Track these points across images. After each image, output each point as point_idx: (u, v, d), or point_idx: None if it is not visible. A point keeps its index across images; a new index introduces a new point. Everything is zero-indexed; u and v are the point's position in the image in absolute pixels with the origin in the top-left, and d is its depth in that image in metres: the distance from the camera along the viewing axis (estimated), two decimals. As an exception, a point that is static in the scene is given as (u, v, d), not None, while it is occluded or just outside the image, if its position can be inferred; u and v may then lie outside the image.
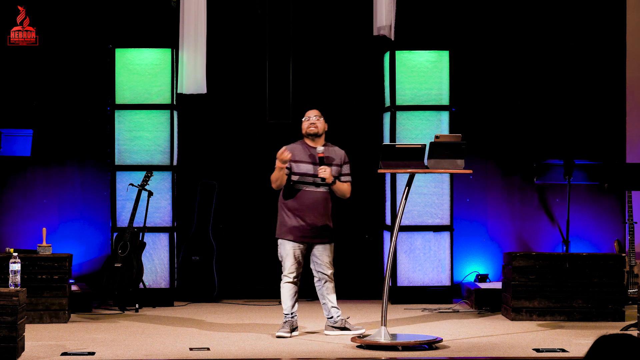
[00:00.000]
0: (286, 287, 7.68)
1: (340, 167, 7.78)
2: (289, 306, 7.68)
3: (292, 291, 7.68)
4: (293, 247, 7.66)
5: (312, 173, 7.67)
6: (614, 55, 10.34)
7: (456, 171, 7.32)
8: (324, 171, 7.59)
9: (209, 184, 10.21)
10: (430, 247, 9.80)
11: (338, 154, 7.82)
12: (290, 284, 7.68)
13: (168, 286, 9.62)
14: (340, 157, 7.81)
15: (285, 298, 7.69)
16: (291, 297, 7.68)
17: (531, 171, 10.13)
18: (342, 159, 7.82)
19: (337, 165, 7.76)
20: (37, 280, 8.44)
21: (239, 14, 10.30)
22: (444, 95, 9.81)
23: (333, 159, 7.75)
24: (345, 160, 7.83)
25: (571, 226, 10.05)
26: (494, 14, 10.32)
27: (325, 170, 7.59)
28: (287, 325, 7.68)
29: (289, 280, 7.67)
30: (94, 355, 6.87)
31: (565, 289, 8.59)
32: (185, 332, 8.00)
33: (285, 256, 7.70)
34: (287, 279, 7.67)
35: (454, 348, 7.20)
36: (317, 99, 10.34)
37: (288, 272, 7.67)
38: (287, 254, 7.67)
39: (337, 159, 7.78)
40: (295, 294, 7.71)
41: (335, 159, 7.77)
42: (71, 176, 10.07)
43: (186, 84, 9.66)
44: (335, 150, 7.83)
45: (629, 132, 10.30)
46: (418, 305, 9.54)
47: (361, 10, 10.11)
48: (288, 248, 7.67)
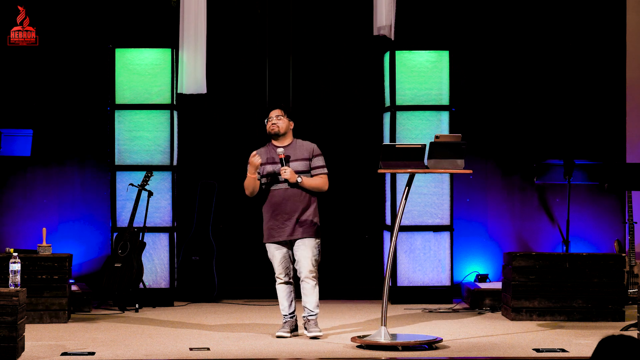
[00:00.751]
0: (279, 288, 7.65)
1: (309, 160, 7.61)
2: (286, 306, 7.66)
3: (285, 291, 7.64)
4: (276, 249, 7.61)
5: (274, 172, 7.57)
6: (614, 55, 10.34)
7: (456, 171, 7.32)
8: (285, 172, 7.46)
9: (209, 184, 10.21)
10: (430, 247, 9.80)
11: (306, 148, 7.63)
12: (283, 285, 7.64)
13: (168, 286, 9.62)
14: (309, 151, 7.62)
15: (280, 299, 7.67)
16: (286, 298, 7.64)
17: (531, 171, 10.14)
18: (311, 152, 7.62)
19: (305, 160, 7.59)
20: (37, 280, 8.44)
21: (239, 14, 10.30)
22: (444, 95, 9.81)
23: (291, 157, 7.55)
24: (316, 153, 7.62)
25: (571, 226, 10.05)
26: (494, 14, 10.32)
27: (286, 171, 7.46)
28: (287, 326, 7.67)
29: (280, 281, 7.64)
30: (94, 355, 6.87)
31: (565, 289, 8.59)
32: (185, 332, 7.99)
33: (271, 258, 7.67)
34: (278, 280, 7.64)
35: (454, 348, 7.20)
36: (317, 98, 10.35)
37: (277, 273, 7.64)
38: (272, 256, 7.64)
39: (305, 154, 7.60)
40: (290, 293, 7.66)
41: (304, 154, 7.59)
42: (71, 176, 10.07)
43: (186, 84, 9.66)
44: (304, 145, 7.64)
45: (629, 132, 10.31)
46: (418, 305, 9.54)
47: (361, 10, 10.11)
48: (272, 250, 7.64)
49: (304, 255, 7.55)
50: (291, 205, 7.55)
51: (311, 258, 7.56)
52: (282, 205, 7.55)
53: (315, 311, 7.61)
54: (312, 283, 7.56)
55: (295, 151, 7.61)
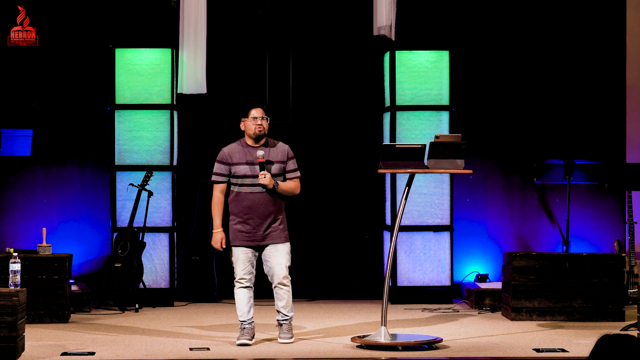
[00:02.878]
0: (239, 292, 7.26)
1: (284, 163, 7.25)
2: (245, 312, 7.25)
3: (246, 296, 7.25)
4: (242, 252, 7.23)
5: (250, 174, 7.19)
6: (614, 55, 10.34)
7: (456, 171, 7.32)
8: (264, 177, 7.10)
9: (209, 184, 10.19)
10: (430, 247, 9.80)
11: (281, 150, 7.26)
12: (244, 289, 7.25)
13: (168, 286, 9.62)
14: (284, 152, 7.26)
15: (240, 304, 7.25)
16: (246, 303, 7.25)
17: (531, 171, 10.13)
18: (285, 154, 7.26)
19: (280, 163, 7.23)
20: (37, 280, 8.44)
21: (239, 14, 10.30)
22: (444, 95, 9.81)
23: (273, 163, 7.21)
24: (290, 156, 7.28)
25: (571, 226, 10.05)
26: (494, 14, 10.32)
27: (266, 176, 7.10)
28: (246, 333, 7.27)
29: (241, 285, 7.25)
30: (94, 355, 6.87)
31: (565, 289, 8.59)
32: (185, 332, 7.99)
33: (234, 261, 7.27)
34: (239, 284, 7.25)
35: (454, 348, 7.20)
36: (317, 98, 10.35)
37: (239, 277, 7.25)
38: (237, 259, 7.25)
39: (280, 156, 7.23)
40: (250, 298, 7.26)
41: (278, 157, 7.22)
42: (71, 176, 10.07)
43: (186, 84, 9.66)
44: (278, 147, 7.27)
45: (629, 132, 10.31)
46: (418, 305, 9.54)
47: (361, 10, 10.11)
48: (237, 253, 7.24)
49: (277, 261, 7.21)
50: (264, 210, 7.19)
51: (285, 264, 7.22)
52: (254, 209, 7.19)
53: (289, 315, 7.30)
54: (286, 288, 7.24)
55: (270, 153, 7.24)
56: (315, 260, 10.29)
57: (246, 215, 7.23)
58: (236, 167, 7.26)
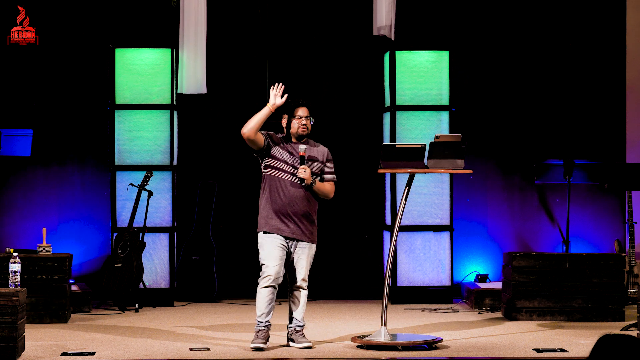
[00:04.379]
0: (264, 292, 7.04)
1: (323, 164, 7.14)
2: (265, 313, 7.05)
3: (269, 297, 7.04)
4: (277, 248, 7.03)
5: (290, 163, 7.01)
6: (614, 55, 10.34)
7: (456, 171, 7.32)
8: (304, 171, 6.97)
9: (209, 184, 10.21)
10: (430, 247, 9.80)
11: (321, 150, 7.17)
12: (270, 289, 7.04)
13: (168, 286, 9.62)
14: (324, 153, 7.17)
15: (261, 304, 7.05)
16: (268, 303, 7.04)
17: (531, 171, 10.14)
18: (325, 155, 7.17)
19: (320, 163, 7.11)
20: (37, 280, 8.44)
21: (239, 14, 10.30)
22: (443, 95, 9.81)
23: (314, 160, 7.10)
24: (329, 158, 7.18)
25: (571, 226, 10.05)
26: (494, 14, 10.32)
27: (306, 170, 6.97)
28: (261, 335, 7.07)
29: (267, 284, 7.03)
30: (94, 355, 6.87)
31: (565, 289, 8.59)
32: (185, 332, 7.99)
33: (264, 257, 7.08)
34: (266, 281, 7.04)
35: (454, 348, 7.20)
36: (317, 98, 10.34)
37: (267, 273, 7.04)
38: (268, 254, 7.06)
39: (320, 157, 7.13)
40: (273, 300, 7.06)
41: (319, 156, 7.13)
42: (71, 176, 10.07)
43: (186, 84, 9.66)
44: (318, 147, 7.18)
45: (629, 132, 10.31)
46: (418, 305, 9.54)
47: (361, 10, 10.11)
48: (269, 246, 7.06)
49: (302, 262, 7.08)
50: (300, 206, 7.03)
51: (307, 267, 7.11)
52: (291, 204, 7.01)
53: (303, 322, 7.14)
54: (305, 292, 7.11)
55: (311, 152, 7.14)
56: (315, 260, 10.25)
57: (282, 208, 7.01)
58: (276, 149, 7.05)
